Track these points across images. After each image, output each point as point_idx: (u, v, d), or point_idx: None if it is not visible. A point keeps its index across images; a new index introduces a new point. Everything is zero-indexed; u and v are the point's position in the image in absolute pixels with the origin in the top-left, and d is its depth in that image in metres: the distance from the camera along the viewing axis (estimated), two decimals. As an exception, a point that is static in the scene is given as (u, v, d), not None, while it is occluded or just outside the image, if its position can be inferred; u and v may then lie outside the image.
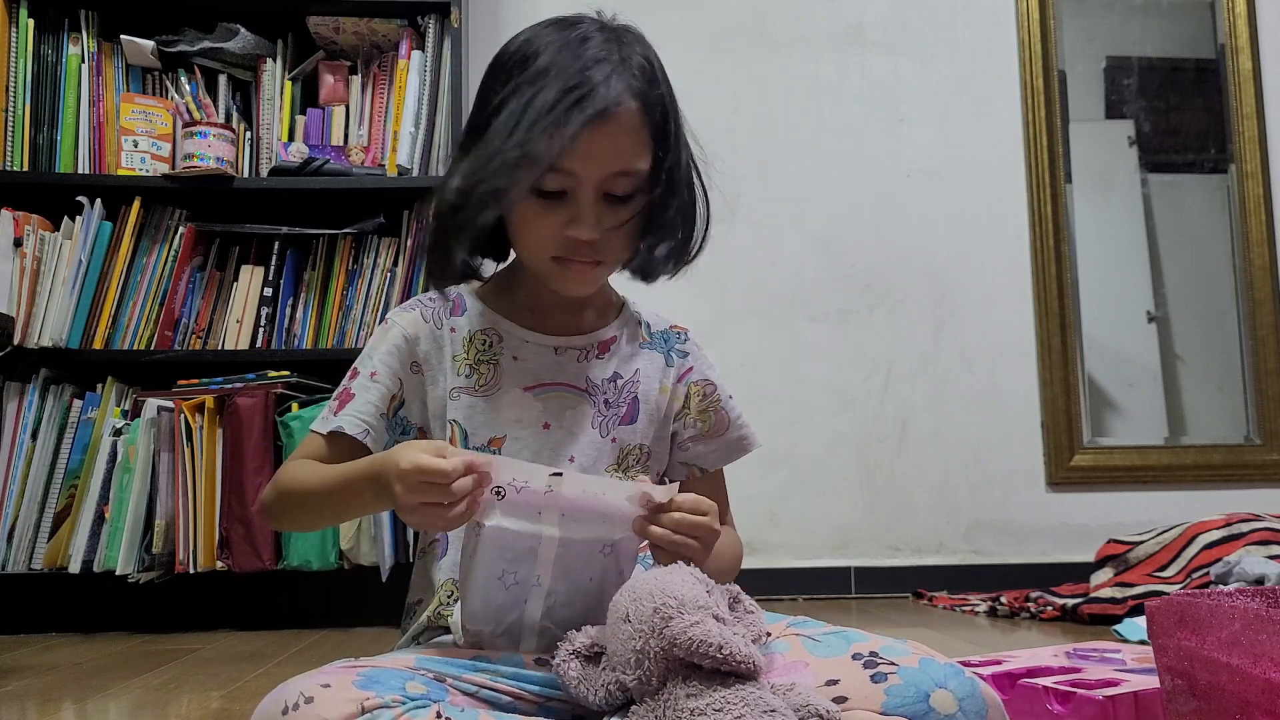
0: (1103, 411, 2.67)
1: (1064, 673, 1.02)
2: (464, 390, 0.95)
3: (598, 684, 0.74)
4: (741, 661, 0.69)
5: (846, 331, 2.57)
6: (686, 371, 1.03)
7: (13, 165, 2.18)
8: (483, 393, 0.95)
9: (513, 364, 0.96)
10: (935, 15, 2.67)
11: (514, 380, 0.95)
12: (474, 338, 0.96)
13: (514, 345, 0.96)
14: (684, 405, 1.02)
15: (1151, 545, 2.11)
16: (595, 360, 0.98)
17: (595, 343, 0.99)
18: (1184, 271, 2.78)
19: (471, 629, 0.83)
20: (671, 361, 1.02)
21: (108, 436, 2.05)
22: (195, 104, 2.25)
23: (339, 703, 0.69)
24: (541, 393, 0.96)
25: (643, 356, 1.01)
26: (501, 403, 0.94)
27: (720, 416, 1.03)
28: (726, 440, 1.03)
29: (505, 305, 0.99)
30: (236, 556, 1.98)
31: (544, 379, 0.96)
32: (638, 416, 0.98)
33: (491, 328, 0.97)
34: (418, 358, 0.96)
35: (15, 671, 1.57)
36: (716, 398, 1.03)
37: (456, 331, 0.96)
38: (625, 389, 0.98)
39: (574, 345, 0.98)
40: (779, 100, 2.62)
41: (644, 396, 0.99)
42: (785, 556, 2.43)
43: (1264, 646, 0.65)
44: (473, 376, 0.95)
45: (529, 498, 0.81)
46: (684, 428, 1.02)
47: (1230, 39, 2.74)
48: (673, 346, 1.03)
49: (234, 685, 1.42)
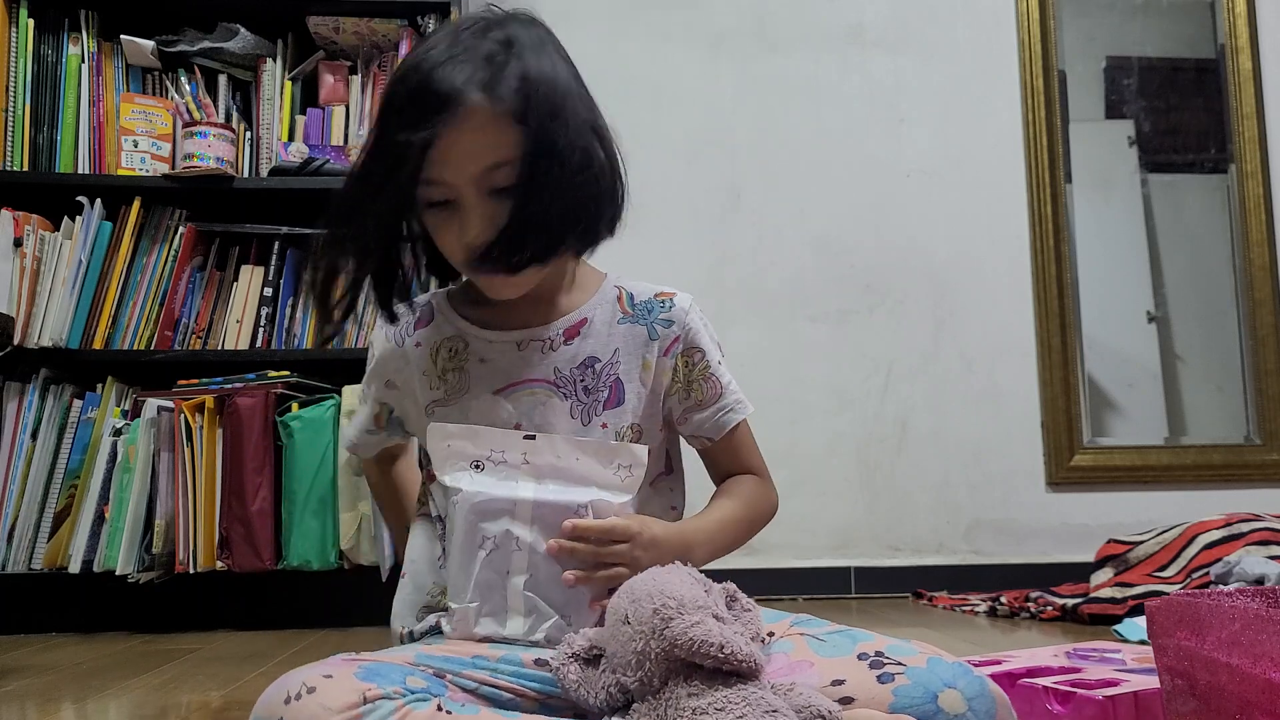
0: (1103, 411, 2.67)
1: (1064, 673, 1.02)
2: (437, 404, 0.95)
3: (598, 686, 0.74)
4: (742, 661, 0.69)
5: (846, 331, 2.57)
6: (673, 343, 0.97)
7: (13, 165, 2.18)
8: (453, 402, 0.94)
9: (480, 367, 0.94)
10: (935, 15, 2.67)
11: (481, 384, 0.94)
12: (440, 348, 0.95)
13: (480, 348, 0.95)
14: (673, 379, 0.97)
15: (1151, 545, 2.11)
16: (563, 348, 0.94)
17: (561, 330, 0.95)
18: (1184, 271, 2.78)
19: (458, 608, 0.83)
20: (655, 334, 0.97)
21: (108, 436, 2.05)
22: (195, 104, 2.25)
23: (341, 693, 0.70)
24: (510, 393, 0.93)
25: (621, 333, 0.96)
26: (470, 410, 0.93)
27: (711, 384, 0.98)
28: (719, 408, 0.99)
29: (471, 307, 0.97)
30: (236, 556, 1.98)
31: (512, 378, 0.93)
32: (624, 397, 0.94)
33: (458, 334, 0.96)
34: (390, 376, 1.00)
35: (15, 671, 1.57)
36: (705, 364, 0.98)
37: (422, 345, 0.96)
38: (604, 372, 0.94)
39: (536, 338, 0.94)
40: (779, 100, 2.62)
41: (625, 376, 0.95)
42: (785, 556, 2.43)
43: (1264, 646, 0.65)
44: (441, 387, 0.95)
45: (505, 469, 0.84)
46: (677, 402, 0.98)
47: (1230, 39, 2.74)
48: (655, 317, 0.98)
49: (234, 685, 1.42)
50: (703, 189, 2.57)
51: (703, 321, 1.00)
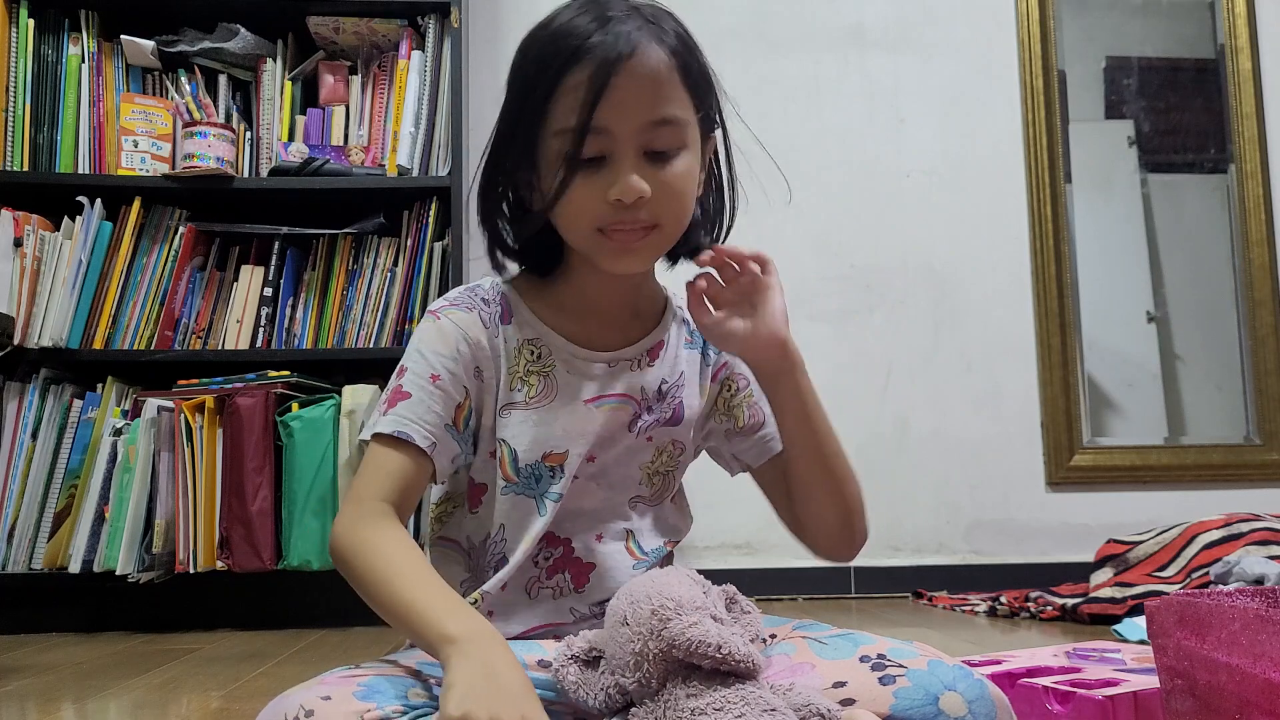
0: (1102, 411, 2.67)
1: (1064, 673, 1.02)
2: (515, 405, 0.88)
3: (597, 687, 0.74)
4: (741, 661, 0.69)
5: (846, 331, 2.57)
6: (720, 368, 0.97)
7: (13, 165, 2.18)
8: (536, 406, 0.88)
9: (567, 376, 0.89)
10: (935, 15, 2.67)
11: (571, 393, 0.88)
12: (523, 348, 0.89)
13: (564, 359, 0.89)
14: (715, 404, 0.96)
15: (1151, 545, 2.11)
16: (647, 368, 0.91)
17: (645, 350, 0.92)
18: (1184, 271, 2.78)
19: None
20: (709, 360, 0.96)
21: (108, 436, 2.05)
22: (195, 104, 2.25)
23: (340, 715, 0.68)
24: (601, 404, 0.89)
25: (686, 357, 0.95)
26: (559, 416, 0.88)
27: (754, 411, 0.96)
28: (762, 436, 0.96)
29: (551, 314, 0.91)
30: (236, 556, 1.98)
31: (604, 390, 0.90)
32: (683, 418, 0.93)
33: (539, 338, 0.89)
34: (480, 363, 0.87)
35: (15, 671, 1.57)
36: (749, 391, 0.96)
37: (508, 341, 0.89)
38: (670, 394, 0.92)
39: (624, 357, 0.91)
40: (779, 100, 2.62)
41: (688, 399, 0.93)
42: (785, 556, 2.43)
43: (1264, 646, 0.65)
44: (523, 389, 0.88)
45: None
46: (718, 425, 0.97)
47: (1230, 39, 2.74)
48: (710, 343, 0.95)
49: (234, 685, 1.42)
50: (703, 189, 2.57)
51: None
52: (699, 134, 0.87)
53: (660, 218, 0.84)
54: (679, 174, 0.84)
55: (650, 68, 0.82)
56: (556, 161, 0.83)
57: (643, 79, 0.81)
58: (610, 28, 0.81)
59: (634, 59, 0.81)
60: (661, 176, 0.83)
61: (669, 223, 0.85)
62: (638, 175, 0.81)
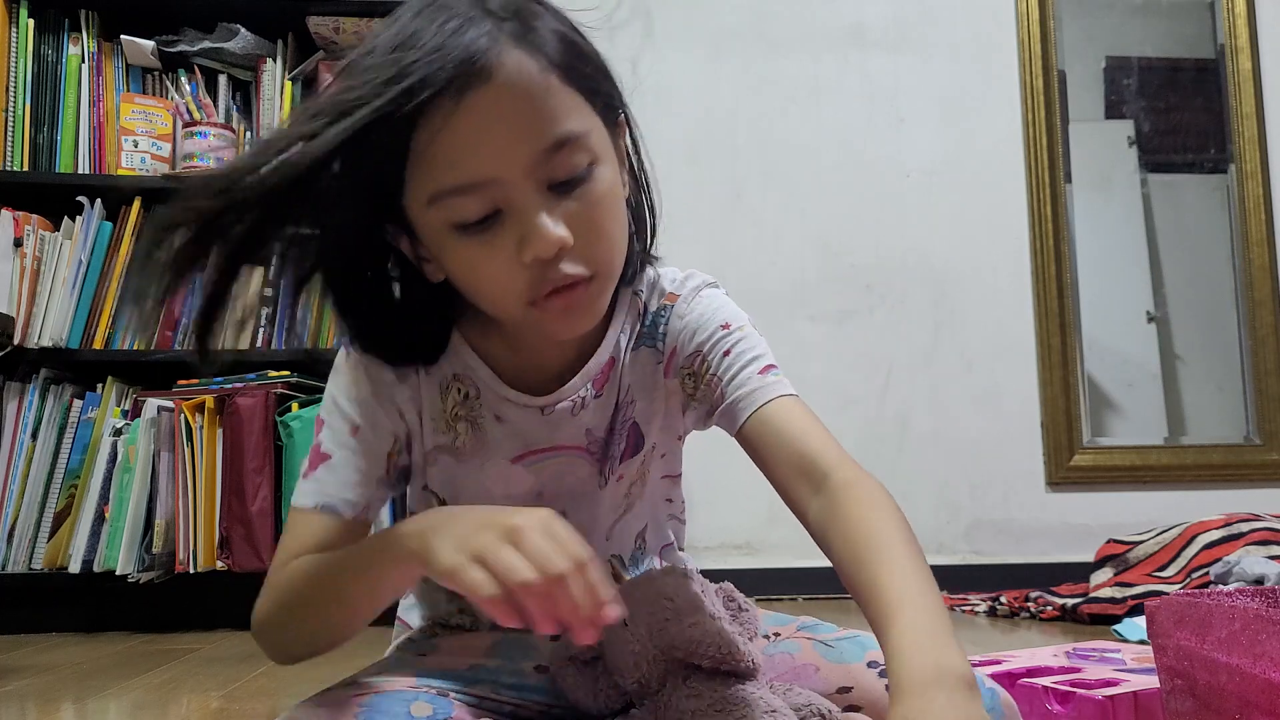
0: (1102, 411, 2.67)
1: (1064, 672, 1.01)
2: (442, 450, 0.79)
3: (596, 688, 0.74)
4: (740, 661, 0.69)
5: (846, 331, 2.56)
6: (670, 355, 0.81)
7: (13, 165, 2.18)
8: (466, 459, 0.78)
9: (495, 426, 0.78)
10: (935, 15, 2.67)
11: (499, 449, 0.78)
12: (450, 385, 0.77)
13: (493, 403, 0.78)
14: (689, 396, 0.82)
15: (1151, 545, 2.11)
16: (593, 403, 0.79)
17: (588, 383, 0.79)
18: (1184, 271, 2.78)
19: None
20: (660, 355, 0.82)
21: (108, 436, 2.05)
22: (195, 104, 2.25)
23: None
24: (533, 462, 0.79)
25: (635, 361, 0.81)
26: (486, 475, 0.79)
27: (710, 383, 0.79)
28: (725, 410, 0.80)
29: (480, 338, 0.78)
30: (236, 556, 1.98)
31: (535, 445, 0.79)
32: (641, 443, 0.82)
33: (467, 373, 0.78)
34: (400, 404, 0.77)
35: (15, 671, 1.57)
36: (706, 367, 0.80)
37: (430, 375, 0.77)
38: (622, 419, 0.81)
39: (564, 397, 0.78)
40: (779, 100, 2.62)
41: (641, 416, 0.82)
42: (785, 556, 2.42)
43: (1264, 646, 0.65)
44: (450, 434, 0.78)
45: None
46: (698, 409, 0.82)
47: (1230, 39, 2.74)
48: (658, 333, 0.81)
49: (234, 685, 1.42)
50: (703, 189, 2.57)
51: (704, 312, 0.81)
52: (606, 132, 0.71)
53: (594, 262, 0.68)
54: (600, 197, 0.68)
55: (521, 84, 0.64)
56: (441, 235, 0.67)
57: (516, 101, 0.63)
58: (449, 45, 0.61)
59: (497, 80, 0.63)
60: (579, 209, 0.66)
61: (605, 263, 0.70)
62: (549, 219, 0.65)
